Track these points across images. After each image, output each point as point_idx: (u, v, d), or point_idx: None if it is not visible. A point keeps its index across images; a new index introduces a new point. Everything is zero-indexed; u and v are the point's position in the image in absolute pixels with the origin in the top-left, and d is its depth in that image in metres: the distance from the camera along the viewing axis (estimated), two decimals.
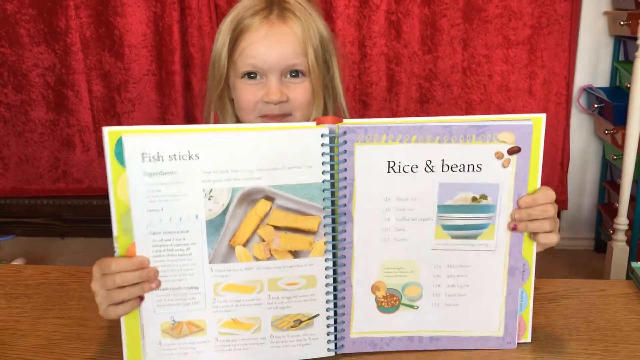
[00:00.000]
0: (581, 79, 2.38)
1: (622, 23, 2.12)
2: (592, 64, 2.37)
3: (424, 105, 2.41)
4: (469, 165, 0.70)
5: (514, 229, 0.72)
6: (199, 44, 2.37)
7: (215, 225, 0.69)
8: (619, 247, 2.12)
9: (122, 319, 0.70)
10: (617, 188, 2.16)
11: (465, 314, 0.75)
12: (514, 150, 0.69)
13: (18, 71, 2.47)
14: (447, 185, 0.70)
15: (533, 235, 0.73)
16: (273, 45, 0.91)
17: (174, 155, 0.66)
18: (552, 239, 0.73)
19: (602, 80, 2.38)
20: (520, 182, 0.70)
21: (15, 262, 2.25)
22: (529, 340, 0.77)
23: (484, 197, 0.71)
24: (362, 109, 2.42)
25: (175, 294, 0.70)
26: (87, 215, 2.66)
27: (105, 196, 0.67)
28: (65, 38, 2.41)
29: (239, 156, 0.67)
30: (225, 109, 1.00)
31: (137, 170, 0.66)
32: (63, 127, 2.54)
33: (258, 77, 0.93)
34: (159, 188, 0.66)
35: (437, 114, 2.41)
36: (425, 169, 0.70)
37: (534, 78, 2.35)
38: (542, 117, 0.69)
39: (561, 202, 2.47)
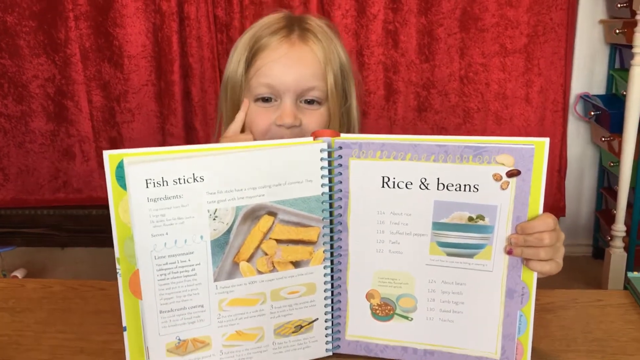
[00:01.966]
0: (577, 86, 2.40)
1: (617, 31, 2.14)
2: (588, 71, 2.39)
3: (422, 114, 2.43)
4: (465, 185, 0.69)
5: (509, 252, 0.71)
6: (197, 54, 2.38)
7: (220, 244, 0.70)
8: (617, 253, 2.14)
9: (126, 340, 0.71)
10: (614, 194, 2.17)
11: (460, 332, 0.74)
12: (512, 173, 0.67)
13: (18, 82, 2.48)
14: (443, 203, 0.70)
15: (526, 261, 0.71)
16: (291, 65, 0.88)
17: (179, 179, 0.66)
18: (545, 268, 0.70)
19: (598, 87, 2.39)
20: (520, 205, 0.69)
21: (15, 273, 2.26)
22: None
23: (480, 217, 0.70)
24: (360, 117, 2.43)
25: (181, 314, 0.70)
26: (87, 225, 2.67)
27: (105, 206, 0.67)
28: (65, 49, 2.43)
29: (243, 175, 0.68)
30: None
31: (141, 197, 0.65)
32: (63, 137, 2.55)
33: (272, 100, 0.90)
34: (164, 212, 0.66)
35: (434, 122, 2.42)
36: (420, 186, 0.70)
37: (530, 86, 2.37)
38: (545, 141, 0.67)
39: (559, 209, 2.48)
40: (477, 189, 0.69)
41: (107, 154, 0.66)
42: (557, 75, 2.35)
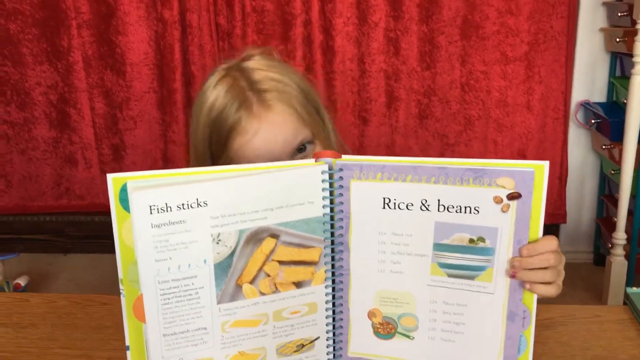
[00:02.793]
0: (578, 94, 2.41)
1: (618, 40, 2.14)
2: (588, 79, 2.39)
3: (423, 121, 2.43)
4: (465, 207, 0.69)
5: (512, 276, 0.71)
6: (199, 62, 2.39)
7: (223, 267, 0.70)
8: (618, 261, 2.14)
9: (129, 359, 0.72)
10: (615, 202, 2.18)
11: (461, 351, 0.75)
12: (513, 196, 0.68)
13: (21, 90, 2.49)
14: (444, 224, 0.71)
15: (529, 284, 0.71)
16: (271, 138, 0.85)
17: (182, 204, 0.66)
18: (550, 291, 0.70)
19: (599, 95, 2.40)
20: (521, 228, 0.69)
21: (18, 280, 2.27)
22: None
23: (481, 239, 0.70)
24: (362, 124, 2.45)
25: (184, 337, 0.71)
26: (89, 232, 2.68)
27: (108, 213, 0.67)
28: (68, 57, 2.44)
29: (246, 199, 0.69)
30: None
31: (144, 223, 0.65)
32: (65, 144, 2.56)
33: None
34: (167, 238, 0.67)
35: (435, 130, 2.43)
36: (420, 207, 0.71)
37: (531, 93, 2.37)
38: (545, 164, 0.67)
39: (560, 216, 2.49)
40: (478, 211, 0.69)
41: (110, 177, 0.66)
42: (558, 82, 2.36)
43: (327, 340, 0.77)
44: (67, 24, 2.40)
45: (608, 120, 2.20)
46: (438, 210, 0.70)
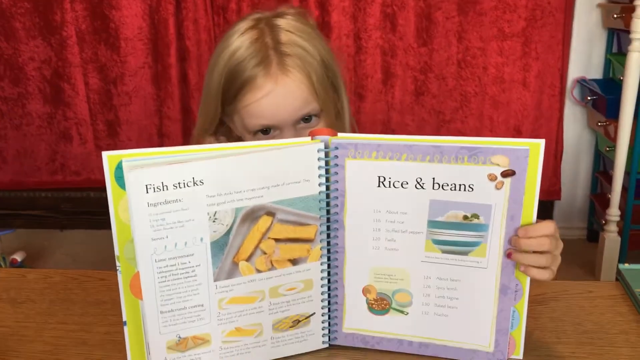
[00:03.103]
0: (575, 71, 2.40)
1: (615, 16, 2.13)
2: (585, 56, 2.38)
3: (419, 98, 2.43)
4: (460, 185, 0.70)
5: (508, 256, 0.72)
6: (194, 37, 2.37)
7: (219, 245, 0.71)
8: (611, 238, 2.16)
9: (127, 337, 0.73)
10: (609, 178, 2.19)
11: (455, 326, 0.76)
12: (507, 174, 0.68)
13: (14, 64, 2.47)
14: (438, 202, 0.71)
15: (523, 266, 0.71)
16: (280, 104, 0.87)
17: (178, 183, 0.66)
18: (543, 275, 0.71)
19: (595, 72, 2.40)
20: (515, 205, 0.70)
21: (15, 256, 2.28)
22: (520, 357, 0.78)
23: (475, 216, 0.71)
24: (358, 101, 2.44)
25: (181, 314, 0.72)
26: (85, 207, 2.69)
27: (103, 189, 0.67)
28: (61, 31, 2.42)
29: (242, 177, 0.69)
30: (231, 135, 0.97)
31: (141, 202, 0.66)
32: (60, 120, 2.55)
33: (271, 131, 0.89)
34: (164, 217, 0.67)
35: (432, 106, 2.43)
36: (415, 185, 0.71)
37: (528, 70, 2.37)
38: (541, 142, 0.67)
39: (554, 193, 2.50)
40: (472, 189, 0.70)
41: (105, 155, 0.66)
42: (555, 59, 2.35)
43: (322, 316, 0.79)
44: None
45: (604, 97, 2.20)
46: (433, 188, 0.71)
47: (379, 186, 0.72)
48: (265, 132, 0.90)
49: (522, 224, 0.71)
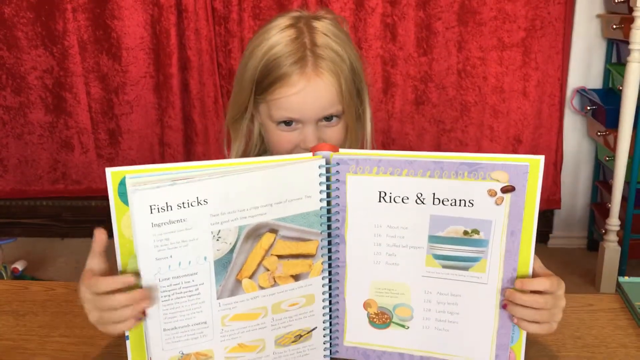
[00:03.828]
0: (574, 80, 2.41)
1: (614, 26, 2.14)
2: (585, 66, 2.39)
3: (420, 107, 2.44)
4: (460, 200, 0.70)
5: (504, 307, 0.73)
6: (196, 47, 2.38)
7: (223, 263, 0.71)
8: (611, 247, 2.16)
9: (129, 352, 0.73)
10: (609, 188, 2.19)
11: (455, 340, 0.77)
12: (507, 189, 0.69)
13: (16, 74, 2.48)
14: (438, 217, 0.72)
15: (516, 319, 0.72)
16: (309, 101, 0.91)
17: (182, 203, 0.66)
18: (537, 330, 0.73)
19: (594, 82, 2.41)
20: (515, 221, 0.70)
21: (16, 265, 2.28)
22: None
23: (475, 231, 0.71)
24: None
25: (184, 331, 0.72)
26: (86, 216, 2.69)
27: (104, 197, 0.68)
28: (63, 41, 2.43)
29: (245, 195, 0.69)
30: (239, 130, 1.01)
31: (145, 222, 0.66)
32: (62, 129, 2.56)
33: (293, 123, 0.93)
34: (168, 237, 0.67)
35: (432, 116, 2.44)
36: (416, 200, 0.72)
37: (527, 80, 2.38)
38: (540, 159, 0.68)
39: (554, 202, 2.51)
40: (472, 204, 0.70)
41: (109, 171, 0.66)
42: (554, 69, 2.36)
43: (324, 330, 0.79)
44: (62, 7, 2.38)
45: (603, 107, 2.21)
46: (433, 204, 0.71)
47: (379, 201, 0.73)
48: (288, 123, 0.94)
49: (523, 240, 0.71)
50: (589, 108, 2.33)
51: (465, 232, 0.72)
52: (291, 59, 0.91)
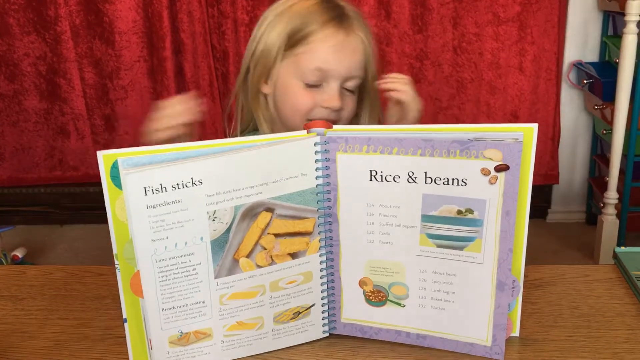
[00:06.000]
0: (571, 54, 2.40)
1: None
2: (581, 39, 2.38)
3: (416, 85, 2.41)
4: (453, 179, 0.69)
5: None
6: (189, 29, 2.37)
7: (219, 243, 0.71)
8: (609, 220, 2.17)
9: (128, 333, 0.73)
10: (607, 161, 2.19)
11: (452, 319, 0.76)
12: (501, 168, 0.67)
13: (9, 61, 2.47)
14: (431, 196, 0.71)
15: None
16: (346, 54, 0.94)
17: (177, 184, 0.66)
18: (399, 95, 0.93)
19: (591, 55, 2.39)
20: (509, 199, 0.69)
21: (16, 252, 2.28)
22: (517, 334, 0.79)
23: (469, 211, 0.70)
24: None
25: (182, 310, 0.72)
26: (85, 202, 2.69)
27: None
28: (55, 27, 2.41)
29: (240, 175, 0.69)
30: (259, 105, 1.02)
31: (140, 204, 0.65)
32: (57, 115, 2.55)
33: (319, 86, 0.95)
34: (163, 218, 0.67)
35: (428, 94, 2.42)
36: (407, 179, 0.71)
37: (524, 55, 2.36)
38: (534, 127, 0.67)
39: (553, 177, 2.51)
40: (466, 183, 0.69)
41: (101, 154, 0.65)
42: (551, 43, 2.35)
43: (322, 306, 0.79)
44: None
45: (600, 81, 2.19)
46: (425, 182, 0.70)
47: (371, 180, 0.72)
48: (313, 86, 0.95)
49: (516, 219, 0.70)
50: (585, 82, 2.32)
51: (459, 212, 0.71)
52: (326, 16, 0.93)
